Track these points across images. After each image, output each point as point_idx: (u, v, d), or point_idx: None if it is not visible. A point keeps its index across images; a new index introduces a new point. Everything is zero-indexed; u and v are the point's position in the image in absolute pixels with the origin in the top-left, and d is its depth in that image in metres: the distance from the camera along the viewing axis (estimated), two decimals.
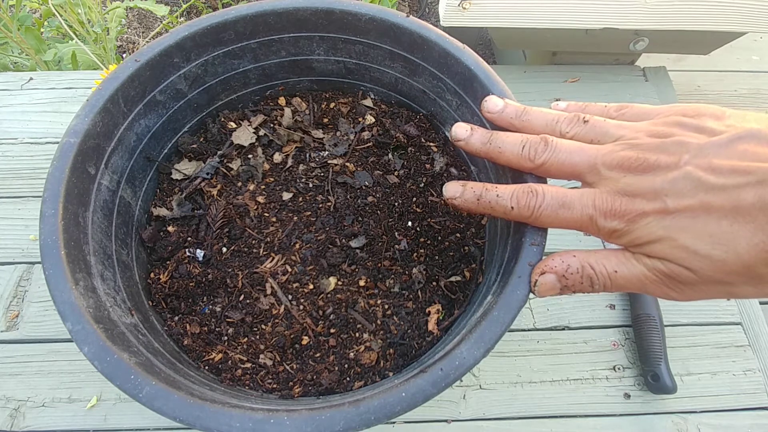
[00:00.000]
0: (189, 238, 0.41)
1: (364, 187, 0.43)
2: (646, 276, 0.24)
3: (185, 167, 0.43)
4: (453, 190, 0.30)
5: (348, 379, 0.35)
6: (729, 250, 0.21)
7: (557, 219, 0.26)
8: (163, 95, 0.39)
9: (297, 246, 0.40)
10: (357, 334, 0.37)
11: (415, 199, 0.42)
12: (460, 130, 0.31)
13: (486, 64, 0.36)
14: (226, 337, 0.37)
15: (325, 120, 0.46)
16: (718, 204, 0.21)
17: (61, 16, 0.82)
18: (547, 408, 0.42)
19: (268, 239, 0.40)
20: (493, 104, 0.31)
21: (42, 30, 0.87)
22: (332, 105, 0.47)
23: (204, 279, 0.38)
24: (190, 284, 0.38)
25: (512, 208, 0.27)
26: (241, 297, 0.38)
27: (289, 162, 0.44)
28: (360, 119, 0.46)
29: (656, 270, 0.23)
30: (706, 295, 0.23)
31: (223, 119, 0.45)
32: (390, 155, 0.45)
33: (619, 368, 0.44)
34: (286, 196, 0.42)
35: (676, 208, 0.22)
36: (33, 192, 0.50)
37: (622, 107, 0.29)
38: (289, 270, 0.39)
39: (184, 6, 1.22)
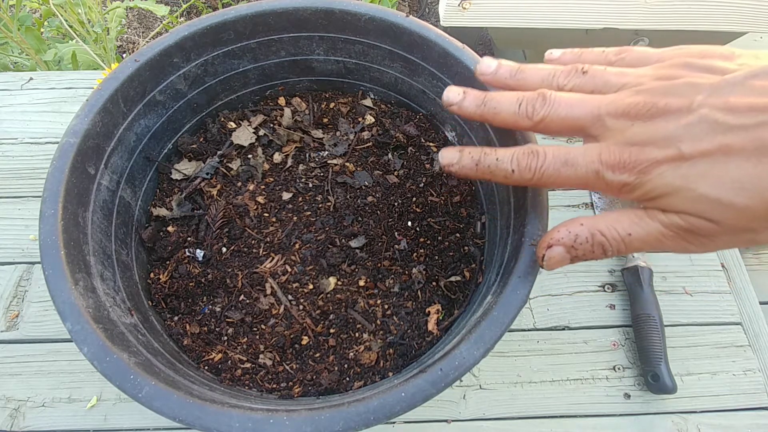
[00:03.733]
0: (189, 238, 0.41)
1: (363, 187, 0.43)
2: (663, 234, 0.22)
3: (185, 167, 0.43)
4: (450, 156, 0.27)
5: (348, 379, 0.35)
6: (754, 195, 0.19)
7: (561, 178, 0.24)
8: (163, 95, 0.39)
9: (297, 246, 0.40)
10: (357, 334, 0.37)
11: (414, 199, 0.42)
12: (452, 94, 0.28)
13: None
14: (225, 337, 0.37)
15: (325, 120, 0.46)
16: (739, 145, 0.19)
17: (61, 16, 0.82)
18: (547, 408, 0.42)
19: (268, 239, 0.40)
20: (486, 65, 0.29)
21: (42, 30, 0.87)
22: (332, 105, 0.47)
23: (204, 279, 0.38)
24: (190, 284, 0.38)
25: (513, 171, 0.25)
26: (241, 297, 0.38)
27: (289, 162, 0.44)
28: (360, 119, 0.46)
29: (674, 226, 0.22)
30: (726, 245, 0.22)
31: (222, 119, 0.45)
32: (390, 155, 0.45)
33: (619, 368, 0.44)
34: (286, 196, 0.42)
35: (692, 154, 0.20)
36: (33, 192, 0.50)
37: (622, 51, 0.27)
38: (289, 270, 0.39)
39: (184, 6, 1.22)
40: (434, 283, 0.39)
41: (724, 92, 0.21)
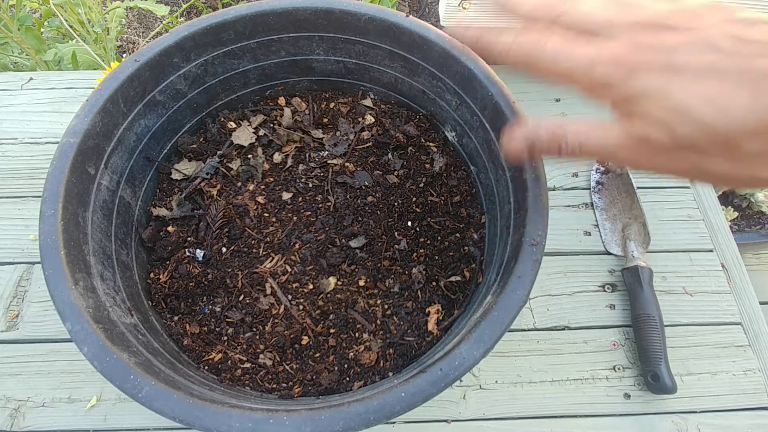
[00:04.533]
0: (189, 238, 0.41)
1: (363, 187, 0.43)
2: (620, 140, 0.23)
3: (185, 167, 0.43)
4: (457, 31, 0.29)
5: (348, 379, 0.35)
6: (722, 115, 0.21)
7: (556, 61, 0.25)
8: (163, 95, 0.39)
9: (297, 246, 0.40)
10: (357, 334, 0.37)
11: (414, 199, 0.42)
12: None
13: (485, 64, 0.36)
14: (225, 337, 0.37)
15: (325, 120, 0.46)
16: (726, 66, 0.21)
17: (61, 15, 0.82)
18: (547, 408, 0.42)
19: (268, 239, 0.40)
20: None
21: (42, 30, 0.87)
22: (332, 105, 0.47)
23: (204, 279, 0.38)
24: (190, 284, 0.38)
25: (511, 47, 0.26)
26: (241, 297, 0.38)
27: (289, 162, 0.44)
28: (360, 119, 0.46)
29: (632, 134, 0.23)
30: (673, 164, 0.23)
31: (222, 119, 0.45)
32: (390, 155, 0.45)
33: (619, 368, 0.44)
34: (286, 196, 0.42)
35: (682, 67, 0.22)
36: (33, 192, 0.50)
37: None
38: (289, 270, 0.39)
39: (184, 6, 1.22)
40: (434, 283, 0.39)
41: (732, 25, 0.22)
